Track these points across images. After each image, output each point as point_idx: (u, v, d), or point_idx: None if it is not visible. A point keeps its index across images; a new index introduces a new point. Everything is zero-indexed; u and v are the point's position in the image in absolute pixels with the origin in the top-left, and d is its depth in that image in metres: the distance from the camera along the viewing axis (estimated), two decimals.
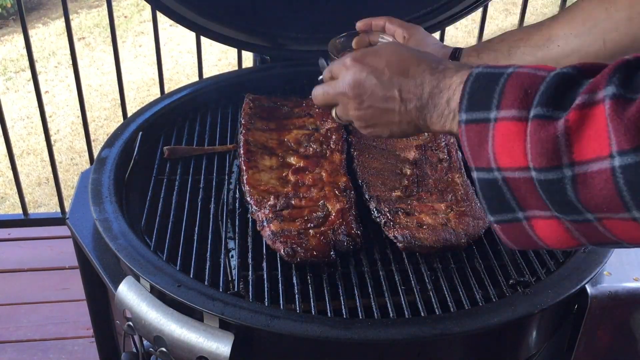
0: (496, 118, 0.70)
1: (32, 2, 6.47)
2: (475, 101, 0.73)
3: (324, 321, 0.93)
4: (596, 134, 0.61)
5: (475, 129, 0.73)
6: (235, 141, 1.40)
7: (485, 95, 0.72)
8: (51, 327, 2.15)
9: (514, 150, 0.68)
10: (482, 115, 0.72)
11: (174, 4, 1.54)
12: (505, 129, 0.69)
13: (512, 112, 0.68)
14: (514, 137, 0.68)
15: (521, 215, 0.71)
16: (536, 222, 0.70)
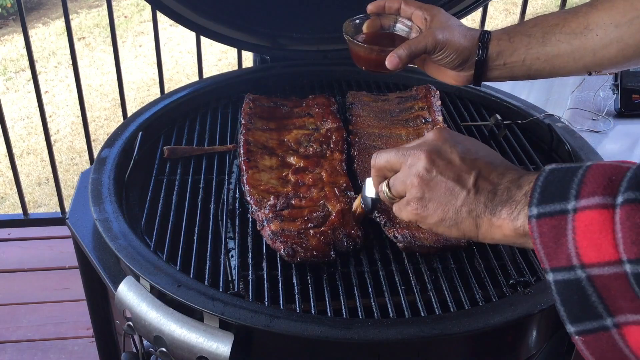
0: (576, 208, 0.61)
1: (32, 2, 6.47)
2: (550, 193, 0.65)
3: (324, 321, 0.93)
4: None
5: (549, 222, 0.64)
6: (235, 141, 1.40)
7: (562, 185, 0.64)
8: (51, 327, 2.16)
9: (602, 243, 0.59)
10: (558, 207, 0.63)
11: (174, 4, 1.54)
12: (589, 219, 0.60)
13: (595, 199, 0.60)
14: (600, 228, 0.59)
15: (610, 323, 0.61)
16: (629, 330, 0.60)
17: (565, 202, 0.62)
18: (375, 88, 1.65)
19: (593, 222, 0.60)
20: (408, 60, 1.05)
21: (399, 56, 1.04)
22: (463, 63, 1.07)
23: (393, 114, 1.47)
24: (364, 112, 1.46)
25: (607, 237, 0.59)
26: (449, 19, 1.10)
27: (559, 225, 0.63)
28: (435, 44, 1.04)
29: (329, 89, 1.63)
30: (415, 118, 1.44)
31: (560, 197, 0.63)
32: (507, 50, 1.07)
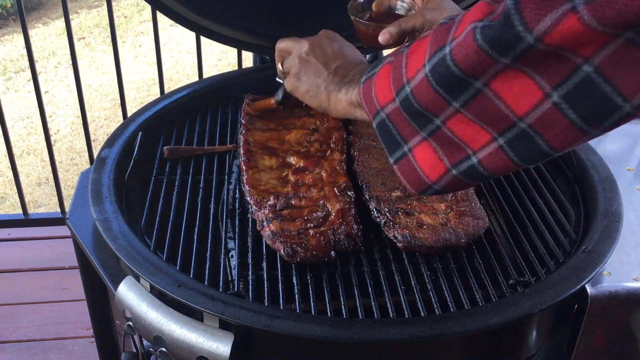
0: (380, 67, 0.83)
1: (32, 2, 6.47)
2: (372, 66, 0.87)
3: (324, 321, 0.93)
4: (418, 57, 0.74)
5: (367, 83, 0.86)
6: (235, 141, 1.40)
7: (376, 63, 0.86)
8: (51, 327, 2.16)
9: (385, 88, 0.80)
10: (372, 71, 0.85)
11: (174, 4, 1.54)
12: (381, 72, 0.82)
13: (387, 59, 0.82)
14: (385, 75, 0.80)
15: (406, 149, 0.80)
16: (416, 152, 0.79)
17: (374, 68, 0.86)
18: None
19: (383, 73, 0.81)
20: (398, 37, 1.14)
21: (389, 32, 1.14)
22: None
23: None
24: None
25: (387, 82, 0.79)
26: (444, 1, 1.17)
27: (369, 81, 0.85)
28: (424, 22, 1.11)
29: None
30: None
31: (374, 67, 0.86)
32: None
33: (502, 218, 1.22)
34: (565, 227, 1.19)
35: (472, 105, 0.69)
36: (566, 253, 1.13)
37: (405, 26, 1.12)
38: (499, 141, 0.71)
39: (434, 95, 0.71)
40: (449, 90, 0.70)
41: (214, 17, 1.59)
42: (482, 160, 0.74)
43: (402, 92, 0.76)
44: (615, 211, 1.17)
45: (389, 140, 0.82)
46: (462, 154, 0.75)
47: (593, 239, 1.11)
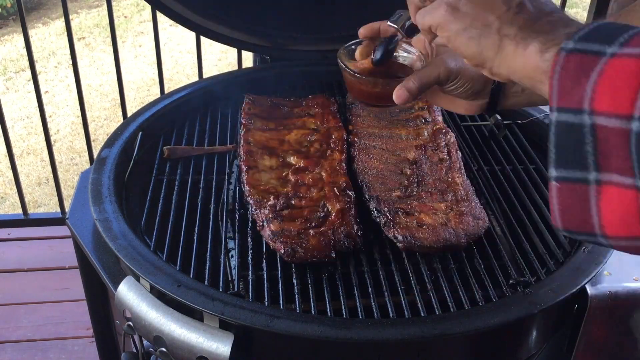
0: (614, 53, 0.56)
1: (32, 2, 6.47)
2: (595, 35, 0.60)
3: (323, 321, 0.93)
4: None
5: (579, 59, 0.59)
6: (235, 141, 1.40)
7: (612, 32, 0.59)
8: (51, 327, 2.15)
9: (622, 93, 0.55)
10: (597, 47, 0.58)
11: (174, 4, 1.54)
12: (621, 66, 0.56)
13: (637, 49, 0.56)
14: (628, 77, 0.54)
15: (592, 177, 0.58)
16: (607, 190, 0.57)
17: (607, 45, 0.57)
18: None
19: (625, 69, 0.55)
20: (419, 94, 0.92)
21: (408, 89, 0.91)
22: (478, 92, 0.95)
23: (393, 114, 1.47)
24: (364, 112, 1.46)
25: (631, 89, 0.54)
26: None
27: (587, 64, 0.58)
28: (449, 73, 0.92)
29: (329, 89, 1.63)
30: (415, 118, 1.44)
31: (604, 40, 0.58)
32: None
33: (502, 218, 1.22)
34: None
35: None
36: (566, 253, 1.13)
37: (427, 80, 0.91)
38: None
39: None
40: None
41: (214, 17, 1.59)
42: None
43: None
44: None
45: (569, 150, 0.59)
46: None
47: None
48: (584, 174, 0.58)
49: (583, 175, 0.59)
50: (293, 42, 1.67)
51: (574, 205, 0.60)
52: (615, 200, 0.57)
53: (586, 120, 0.57)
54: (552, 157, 0.60)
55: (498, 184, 1.31)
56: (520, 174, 1.33)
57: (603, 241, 0.60)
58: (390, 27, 0.97)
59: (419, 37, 0.96)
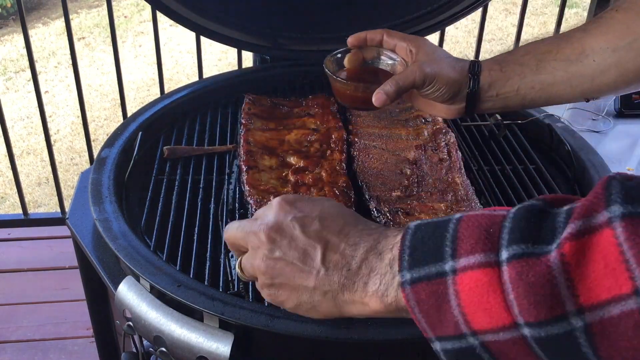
0: (455, 269, 0.54)
1: (32, 2, 6.47)
2: (422, 254, 0.57)
3: (324, 321, 0.93)
4: (607, 268, 0.47)
5: (427, 288, 0.56)
6: (235, 141, 1.40)
7: (434, 243, 0.56)
8: (51, 327, 2.16)
9: (492, 306, 0.52)
10: (434, 269, 0.55)
11: (174, 4, 1.54)
12: (472, 281, 0.53)
13: (476, 257, 0.53)
14: (487, 290, 0.52)
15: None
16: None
17: (442, 262, 0.55)
18: None
19: (478, 284, 0.53)
20: (396, 97, 0.99)
21: (386, 93, 0.98)
22: (454, 96, 1.02)
23: (393, 114, 1.47)
24: (364, 112, 1.46)
25: (497, 299, 0.52)
26: (436, 50, 1.04)
27: (439, 291, 0.55)
28: (424, 77, 0.98)
29: (329, 89, 1.63)
30: (415, 118, 1.44)
31: (435, 257, 0.56)
32: (499, 81, 1.01)
33: None
34: None
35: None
36: None
37: (403, 84, 0.98)
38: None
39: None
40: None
41: (214, 17, 1.59)
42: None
43: (559, 324, 0.49)
44: None
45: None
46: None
47: None
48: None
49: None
50: (293, 42, 1.67)
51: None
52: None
53: (473, 341, 0.54)
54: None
55: (498, 184, 1.31)
56: (520, 174, 1.34)
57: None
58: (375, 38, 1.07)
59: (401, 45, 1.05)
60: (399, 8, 1.62)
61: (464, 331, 0.54)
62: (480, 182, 1.31)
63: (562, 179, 1.35)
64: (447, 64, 1.02)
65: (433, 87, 0.99)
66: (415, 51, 1.03)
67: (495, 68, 1.01)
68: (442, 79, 1.00)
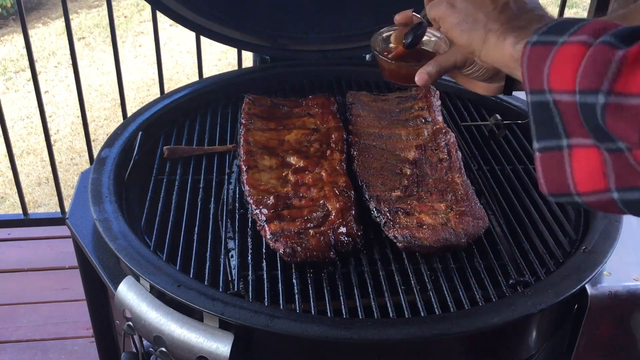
0: (564, 42, 0.69)
1: (32, 2, 6.47)
2: (553, 30, 0.73)
3: (323, 321, 0.93)
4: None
5: (539, 50, 0.72)
6: (235, 141, 1.40)
7: (565, 26, 0.71)
8: (51, 327, 2.15)
9: (567, 73, 0.67)
10: (551, 38, 0.71)
11: (174, 4, 1.54)
12: (568, 51, 0.68)
13: (581, 37, 0.68)
14: (572, 59, 0.67)
15: (565, 143, 0.70)
16: (576, 152, 0.69)
17: (560, 36, 0.70)
18: (375, 88, 1.65)
19: (570, 54, 0.68)
20: (437, 77, 1.03)
21: (428, 73, 1.02)
22: (493, 75, 1.04)
23: (393, 114, 1.47)
24: (364, 112, 1.46)
25: (574, 68, 0.66)
26: None
27: (544, 53, 0.71)
28: (465, 59, 1.01)
29: (329, 89, 1.63)
30: (415, 118, 1.44)
31: (559, 32, 0.71)
32: None
33: (502, 218, 1.22)
34: (565, 227, 1.19)
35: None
36: (566, 253, 1.13)
37: (445, 64, 1.02)
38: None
39: (637, 132, 0.61)
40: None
41: (214, 17, 1.59)
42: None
43: (589, 97, 0.65)
44: None
45: (544, 125, 0.71)
46: (636, 183, 0.66)
47: (593, 239, 1.11)
48: (557, 142, 0.71)
49: (557, 143, 0.71)
50: (293, 42, 1.67)
51: (553, 171, 0.72)
52: (583, 159, 0.69)
53: (549, 97, 0.70)
54: (534, 133, 0.73)
55: (498, 184, 1.31)
56: (520, 174, 1.33)
57: (578, 200, 0.71)
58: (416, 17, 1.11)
59: None
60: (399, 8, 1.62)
61: (544, 87, 0.70)
62: (480, 182, 1.31)
63: None
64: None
65: (474, 67, 1.03)
66: None
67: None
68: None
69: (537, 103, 0.71)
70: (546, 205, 1.24)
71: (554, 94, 0.69)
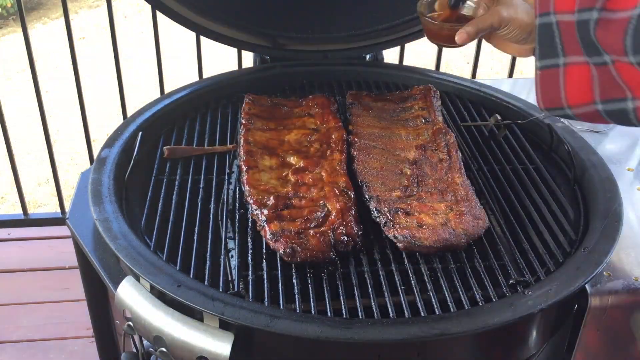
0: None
1: (32, 2, 6.47)
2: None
3: (323, 321, 0.93)
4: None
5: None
6: (235, 141, 1.40)
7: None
8: (51, 327, 2.16)
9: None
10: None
11: (174, 4, 1.54)
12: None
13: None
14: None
15: (561, 61, 0.81)
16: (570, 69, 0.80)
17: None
18: (375, 88, 1.65)
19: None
20: (475, 36, 1.15)
21: (467, 32, 1.14)
22: (526, 37, 1.14)
23: (393, 114, 1.47)
24: (364, 112, 1.46)
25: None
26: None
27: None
28: (500, 21, 1.13)
29: (329, 89, 1.63)
30: (415, 118, 1.44)
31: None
32: None
33: (502, 218, 1.22)
34: (565, 227, 1.19)
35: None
36: (566, 253, 1.13)
37: (482, 26, 1.14)
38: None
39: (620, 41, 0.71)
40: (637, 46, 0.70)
41: (214, 17, 1.60)
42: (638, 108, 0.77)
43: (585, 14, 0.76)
44: (615, 211, 1.17)
45: (547, 45, 0.82)
46: (619, 94, 0.77)
47: (593, 239, 1.11)
48: (555, 60, 0.82)
49: (555, 62, 0.82)
50: (293, 42, 1.67)
51: (549, 86, 0.83)
52: (575, 75, 0.80)
53: (552, 19, 0.81)
54: (537, 52, 0.84)
55: (498, 184, 1.31)
56: (520, 174, 1.34)
57: (569, 112, 0.83)
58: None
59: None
60: (400, 8, 1.62)
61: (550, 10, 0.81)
62: (480, 182, 1.31)
63: (562, 179, 1.35)
64: (522, 9, 1.15)
65: (508, 29, 1.13)
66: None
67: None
68: (517, 22, 1.13)
69: (543, 25, 0.83)
70: (546, 205, 1.25)
71: (557, 15, 0.80)
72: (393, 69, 1.72)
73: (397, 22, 1.64)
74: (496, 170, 1.35)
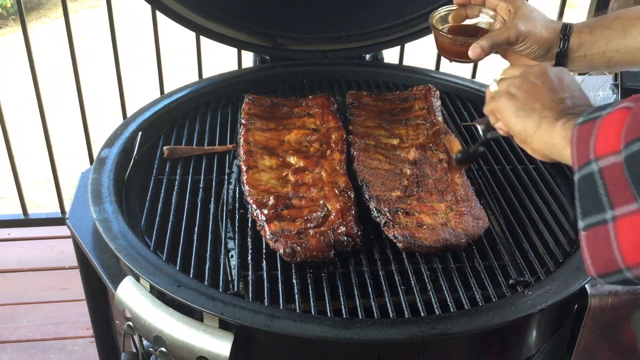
0: (608, 112, 0.72)
1: (32, 2, 6.47)
2: (597, 108, 0.77)
3: (323, 321, 0.93)
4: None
5: (586, 126, 0.75)
6: (235, 141, 1.40)
7: (605, 105, 0.75)
8: (51, 327, 2.15)
9: (612, 135, 0.69)
10: (596, 114, 0.75)
11: (174, 4, 1.54)
12: (612, 118, 0.71)
13: (624, 104, 0.71)
14: (616, 124, 0.69)
15: (609, 215, 0.68)
16: (621, 223, 0.67)
17: (603, 110, 0.74)
18: (375, 88, 1.65)
19: (613, 119, 0.70)
20: (490, 51, 1.09)
21: (481, 47, 1.08)
22: (544, 54, 1.10)
23: (393, 114, 1.47)
24: (364, 112, 1.46)
25: (618, 129, 0.68)
26: (533, 11, 1.12)
27: (590, 127, 0.73)
28: (518, 35, 1.07)
29: (329, 89, 1.63)
30: (415, 118, 1.44)
31: (602, 108, 0.74)
32: (587, 43, 1.10)
33: (502, 218, 1.22)
34: (564, 227, 1.19)
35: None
36: (566, 253, 1.13)
37: (498, 40, 1.08)
38: None
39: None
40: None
41: (214, 17, 1.59)
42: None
43: (635, 145, 0.65)
44: None
45: (589, 199, 0.71)
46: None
47: None
48: (602, 216, 0.69)
49: (602, 217, 0.69)
50: (293, 42, 1.67)
51: (599, 248, 0.70)
52: (629, 228, 0.66)
53: (594, 167, 0.71)
54: (579, 212, 0.73)
55: (498, 184, 1.31)
56: (520, 174, 1.33)
57: (629, 275, 0.68)
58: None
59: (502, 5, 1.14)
60: (400, 7, 1.62)
61: (591, 157, 0.72)
62: (480, 182, 1.31)
63: (562, 179, 1.35)
64: (542, 24, 1.11)
65: (525, 44, 1.09)
66: (513, 11, 1.12)
67: (585, 30, 1.10)
68: (535, 37, 1.09)
69: (582, 178, 0.72)
70: (546, 205, 1.24)
71: (599, 162, 0.70)
72: (393, 69, 1.72)
73: (397, 22, 1.64)
74: (496, 170, 1.35)
